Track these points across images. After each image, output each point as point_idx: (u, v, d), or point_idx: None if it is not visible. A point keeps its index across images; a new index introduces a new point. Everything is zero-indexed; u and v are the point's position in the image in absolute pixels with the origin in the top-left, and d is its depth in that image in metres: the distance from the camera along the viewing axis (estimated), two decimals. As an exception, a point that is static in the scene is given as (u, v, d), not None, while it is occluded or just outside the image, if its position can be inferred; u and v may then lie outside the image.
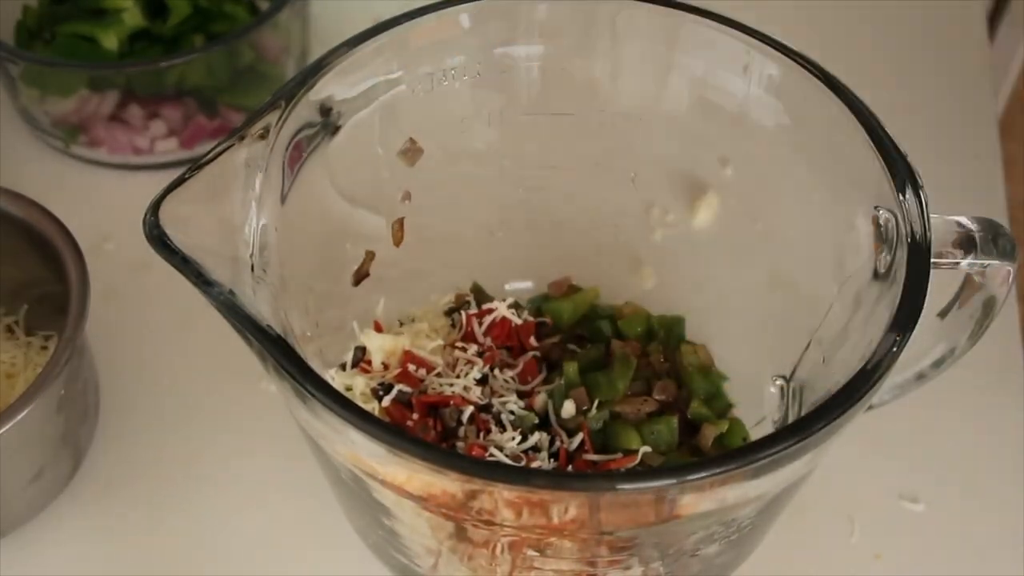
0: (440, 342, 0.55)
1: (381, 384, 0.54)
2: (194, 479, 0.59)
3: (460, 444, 0.51)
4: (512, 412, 0.53)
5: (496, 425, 0.52)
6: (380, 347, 0.55)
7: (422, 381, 0.54)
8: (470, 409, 0.52)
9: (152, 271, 0.65)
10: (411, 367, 0.54)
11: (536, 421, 0.53)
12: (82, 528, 0.57)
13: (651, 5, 0.52)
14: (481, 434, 0.52)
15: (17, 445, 0.52)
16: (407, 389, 0.53)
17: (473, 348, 0.55)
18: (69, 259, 0.55)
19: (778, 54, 0.49)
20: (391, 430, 0.38)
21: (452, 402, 0.52)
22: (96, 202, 0.72)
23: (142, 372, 0.63)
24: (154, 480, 0.59)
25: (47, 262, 0.57)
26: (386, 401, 0.52)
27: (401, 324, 0.59)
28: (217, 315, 0.41)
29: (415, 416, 0.52)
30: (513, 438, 0.51)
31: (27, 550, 0.56)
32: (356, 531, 0.53)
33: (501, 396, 0.53)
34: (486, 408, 0.53)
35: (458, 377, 0.53)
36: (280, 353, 0.40)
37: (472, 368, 0.54)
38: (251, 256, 0.44)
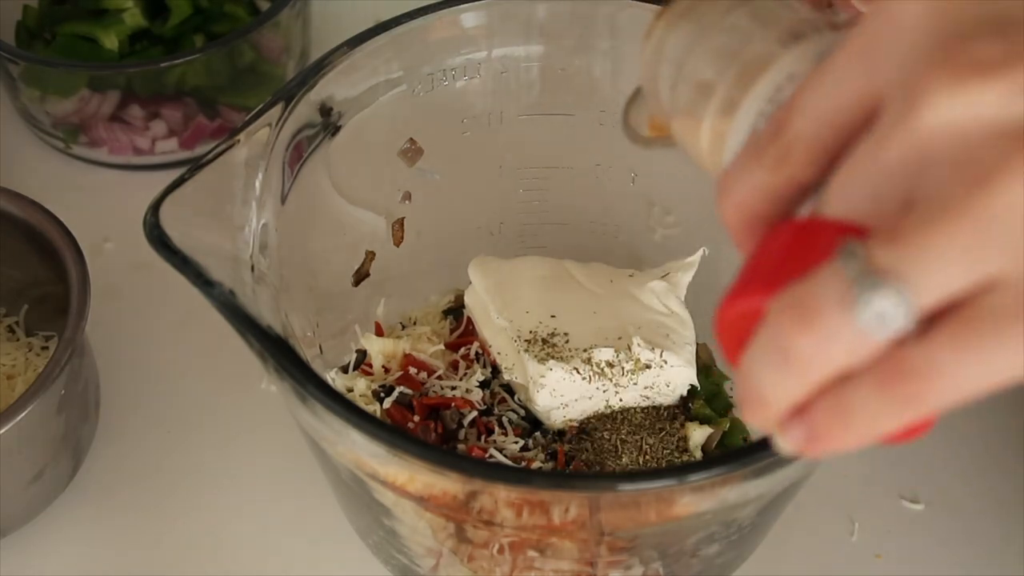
0: (441, 347, 0.55)
1: (382, 386, 0.54)
2: (194, 479, 0.59)
3: (461, 446, 0.51)
4: (513, 413, 0.53)
5: (498, 427, 0.52)
6: (381, 351, 0.55)
7: (423, 384, 0.54)
8: (473, 413, 0.52)
9: (152, 271, 0.64)
10: (412, 370, 0.54)
11: (527, 426, 0.53)
12: (82, 528, 0.57)
13: (651, 5, 0.52)
14: (482, 436, 0.52)
15: (17, 445, 0.52)
16: (408, 391, 0.53)
17: (475, 345, 0.55)
18: (69, 259, 0.55)
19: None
20: (392, 430, 0.39)
21: (453, 404, 0.52)
22: (96, 202, 0.72)
23: (142, 372, 0.63)
24: (154, 480, 0.59)
25: (47, 262, 0.57)
26: (387, 403, 0.52)
27: (403, 327, 0.59)
28: (217, 315, 0.41)
29: (416, 418, 0.52)
30: (516, 441, 0.51)
31: (27, 550, 0.56)
32: (356, 531, 0.53)
33: (503, 400, 0.53)
34: (487, 411, 0.53)
35: (460, 380, 0.53)
36: (281, 354, 0.40)
37: (475, 372, 0.54)
38: (251, 256, 0.44)
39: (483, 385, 0.53)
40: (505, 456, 0.51)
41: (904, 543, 0.57)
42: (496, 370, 0.54)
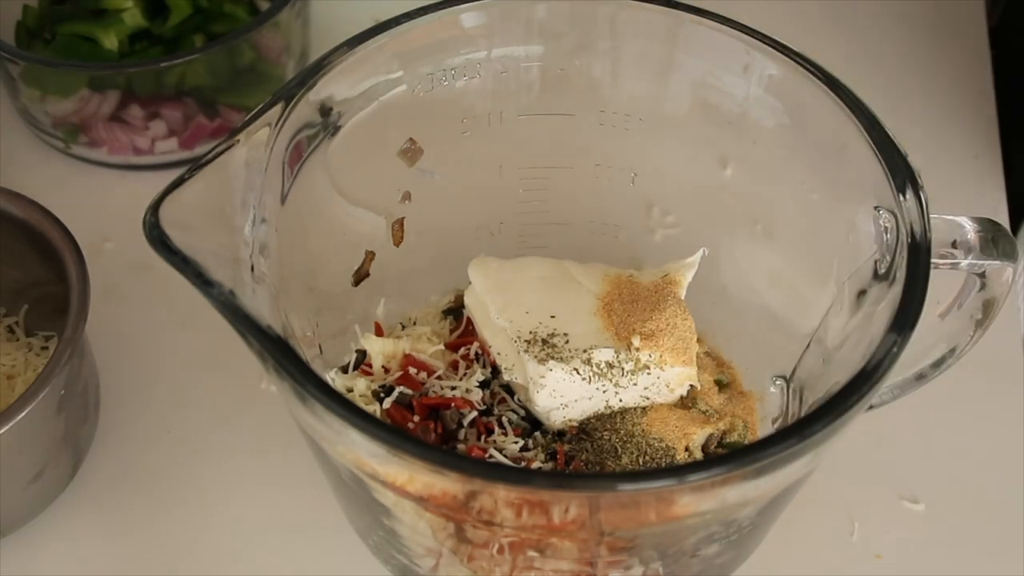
0: (441, 347, 0.55)
1: (382, 386, 0.54)
2: (194, 479, 0.59)
3: (461, 446, 0.51)
4: (513, 413, 0.53)
5: (498, 427, 0.52)
6: (380, 351, 0.55)
7: (423, 384, 0.53)
8: (473, 413, 0.52)
9: (152, 271, 0.65)
10: (412, 370, 0.54)
11: (527, 426, 0.53)
12: (82, 528, 0.57)
13: (651, 5, 0.52)
14: (482, 436, 0.52)
15: (17, 445, 0.52)
16: (408, 391, 0.53)
17: (475, 345, 0.55)
18: (69, 259, 0.55)
19: (778, 54, 0.49)
20: (392, 430, 0.38)
21: (453, 404, 0.52)
22: (96, 202, 0.72)
23: (142, 372, 0.63)
24: (154, 480, 0.59)
25: (47, 262, 0.57)
26: (387, 403, 0.52)
27: (403, 327, 0.59)
28: (217, 315, 0.41)
29: (416, 418, 0.52)
30: (516, 441, 0.51)
31: (27, 550, 0.56)
32: (356, 532, 0.53)
33: (503, 400, 0.53)
34: (487, 412, 0.53)
35: (460, 380, 0.53)
36: (281, 354, 0.40)
37: (475, 372, 0.54)
38: (251, 256, 0.44)
39: (483, 385, 0.53)
40: (505, 456, 0.51)
41: (904, 543, 0.57)
42: (496, 370, 0.54)
